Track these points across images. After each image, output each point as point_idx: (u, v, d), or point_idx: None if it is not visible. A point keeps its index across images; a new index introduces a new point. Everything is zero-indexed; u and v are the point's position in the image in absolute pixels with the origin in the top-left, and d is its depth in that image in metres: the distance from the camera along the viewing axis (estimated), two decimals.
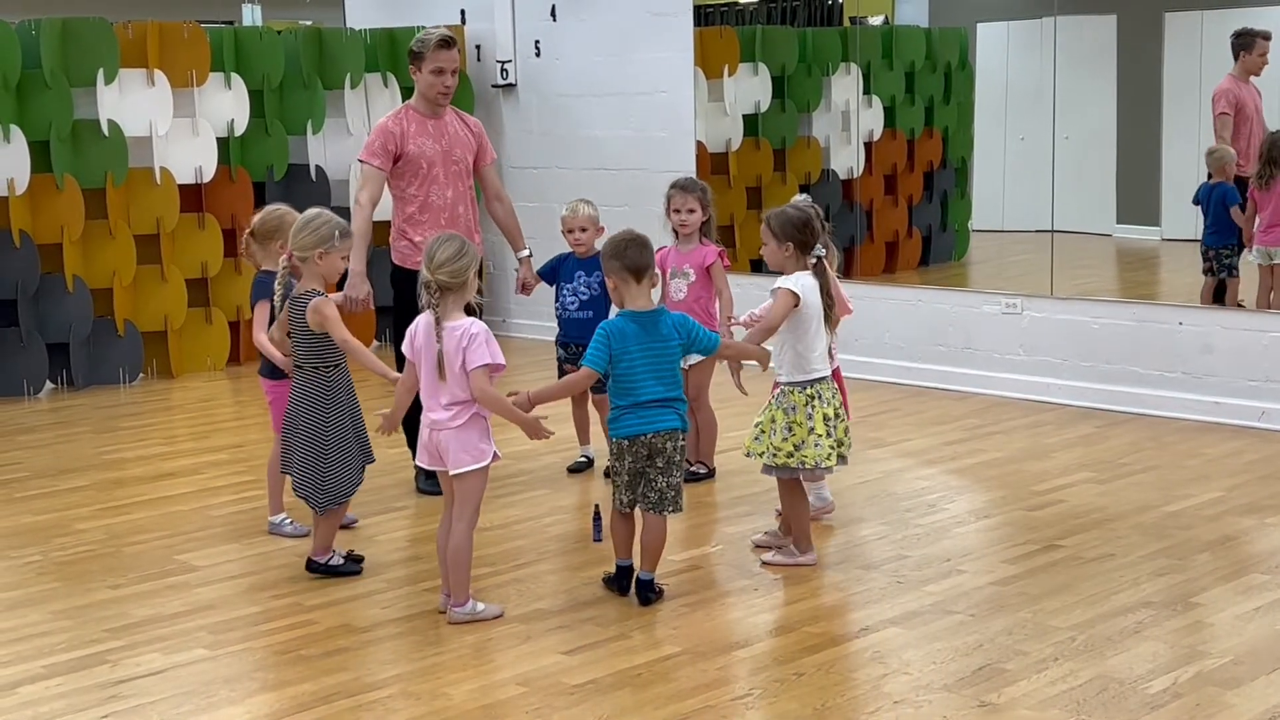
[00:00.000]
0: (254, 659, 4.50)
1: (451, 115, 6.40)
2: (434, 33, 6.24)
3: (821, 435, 5.13)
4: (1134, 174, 9.13)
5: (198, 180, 9.34)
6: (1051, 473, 6.50)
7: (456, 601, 4.71)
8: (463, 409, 4.60)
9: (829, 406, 5.18)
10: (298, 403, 5.15)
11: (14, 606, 5.03)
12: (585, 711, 4.02)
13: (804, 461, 5.13)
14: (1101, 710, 3.95)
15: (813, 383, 5.17)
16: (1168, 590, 4.92)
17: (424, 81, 6.24)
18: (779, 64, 9.87)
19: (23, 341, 8.73)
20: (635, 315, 4.78)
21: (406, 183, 6.24)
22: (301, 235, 5.07)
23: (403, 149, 6.18)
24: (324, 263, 5.08)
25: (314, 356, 5.11)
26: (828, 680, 4.22)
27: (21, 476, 6.88)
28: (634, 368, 4.73)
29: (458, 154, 6.32)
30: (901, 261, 10.04)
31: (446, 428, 4.60)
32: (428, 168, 6.22)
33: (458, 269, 4.59)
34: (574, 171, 10.10)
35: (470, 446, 4.62)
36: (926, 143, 10.17)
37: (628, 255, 4.77)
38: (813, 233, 5.21)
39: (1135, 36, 9.04)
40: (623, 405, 4.77)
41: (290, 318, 5.13)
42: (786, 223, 5.21)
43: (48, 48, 8.73)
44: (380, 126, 6.26)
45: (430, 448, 4.69)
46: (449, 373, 4.58)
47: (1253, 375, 7.28)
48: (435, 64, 6.20)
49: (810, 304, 5.15)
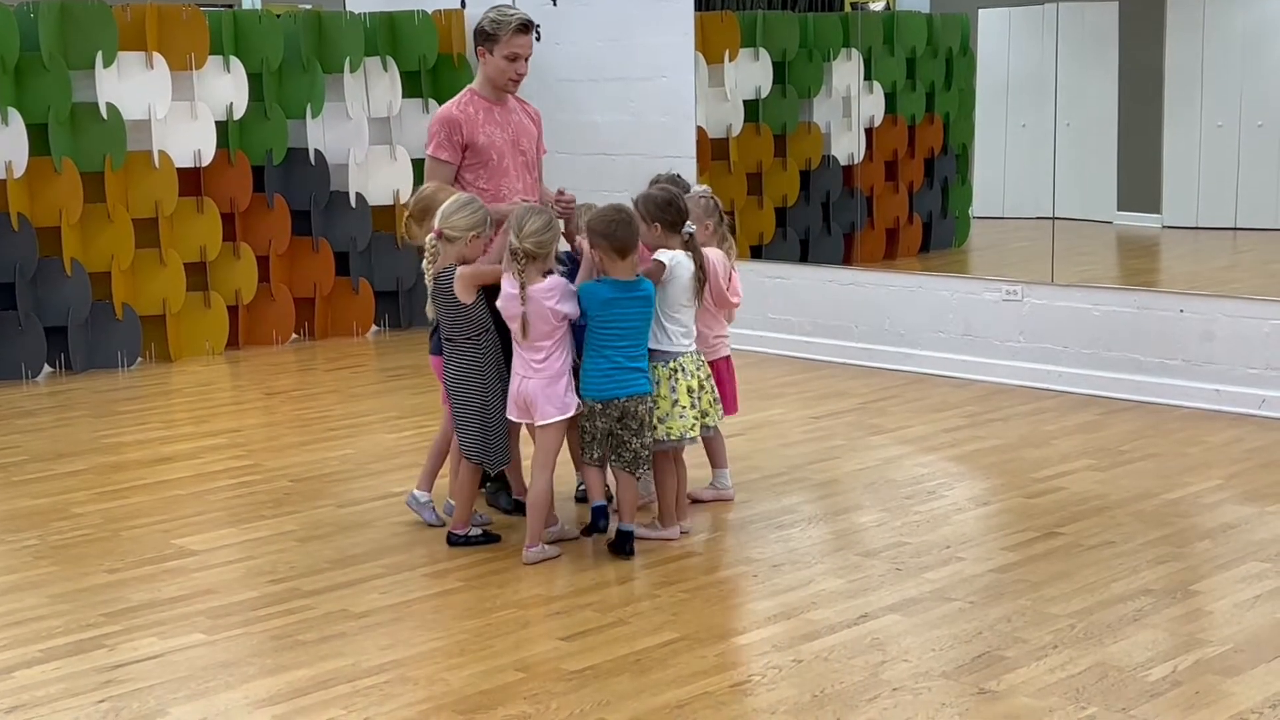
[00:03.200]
0: (251, 644, 4.50)
1: (514, 102, 5.86)
2: (511, 14, 5.68)
3: (686, 407, 5.32)
4: (1135, 161, 9.12)
5: (196, 164, 9.31)
6: (1051, 460, 6.49)
7: (531, 543, 5.16)
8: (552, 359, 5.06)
9: (692, 379, 5.37)
10: (456, 373, 5.28)
11: (11, 590, 5.02)
12: (584, 697, 4.02)
13: (669, 433, 5.30)
14: (1100, 698, 3.95)
15: (675, 355, 5.34)
16: (1167, 578, 4.91)
17: (494, 66, 5.68)
18: (780, 49, 9.84)
19: (20, 325, 8.71)
20: (615, 283, 5.11)
21: (475, 175, 5.67)
22: (458, 217, 5.16)
23: (470, 139, 5.63)
24: (472, 246, 5.19)
25: (466, 327, 5.22)
26: (826, 667, 4.21)
27: (19, 460, 6.87)
28: (614, 328, 5.08)
29: (524, 144, 5.81)
30: (902, 248, 10.02)
31: (536, 376, 5.04)
32: (498, 159, 5.69)
33: (544, 240, 5.01)
34: (574, 156, 10.07)
35: (555, 399, 5.09)
36: (927, 129, 10.15)
37: (617, 235, 5.09)
38: (677, 211, 5.37)
39: (1137, 23, 9.01)
40: (599, 361, 5.10)
41: (437, 292, 5.22)
42: (650, 203, 5.39)
43: (46, 30, 8.70)
44: (443, 116, 5.68)
45: (519, 400, 5.12)
46: (535, 326, 5.01)
47: (1253, 363, 7.26)
48: (511, 49, 5.64)
49: (676, 278, 5.29)
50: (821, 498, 6.05)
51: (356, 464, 6.60)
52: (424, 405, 7.59)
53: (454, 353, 5.30)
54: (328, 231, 9.87)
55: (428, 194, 5.45)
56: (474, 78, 5.67)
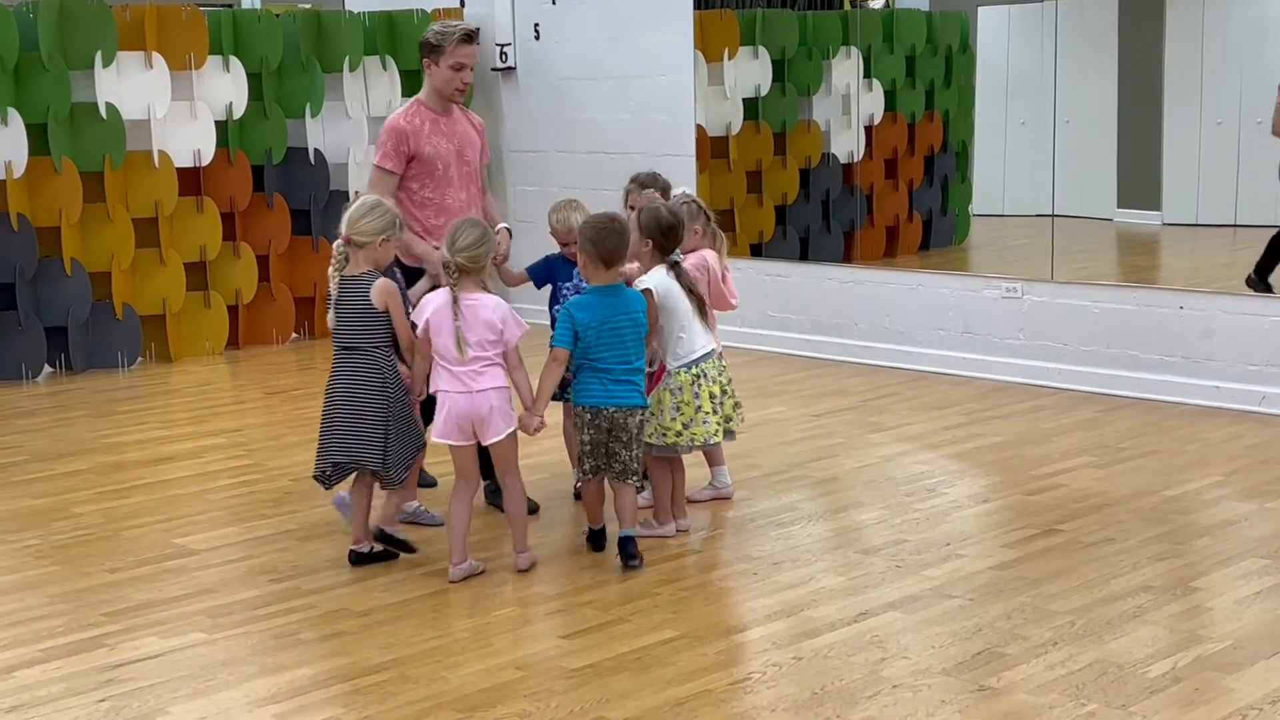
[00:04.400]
0: (252, 643, 4.50)
1: (459, 113, 5.99)
2: (455, 25, 5.83)
3: (709, 413, 5.34)
4: (1135, 158, 9.12)
5: (196, 163, 9.31)
6: (1051, 457, 6.49)
7: (520, 549, 5.08)
8: (495, 368, 4.92)
9: (714, 385, 5.38)
10: (351, 383, 5.08)
11: (12, 590, 5.02)
12: (584, 695, 4.02)
13: (693, 439, 5.34)
14: (1100, 694, 3.95)
15: (696, 362, 5.34)
16: (1167, 574, 4.92)
17: (440, 77, 5.79)
18: (779, 47, 9.84)
19: (21, 325, 8.71)
20: (597, 289, 5.07)
21: (419, 185, 5.80)
22: (365, 221, 5.06)
23: (417, 149, 5.75)
24: (383, 250, 5.10)
25: (369, 336, 5.08)
26: (826, 664, 4.22)
27: (20, 460, 6.88)
28: (601, 340, 5.00)
29: (469, 155, 5.92)
30: (902, 246, 10.02)
31: (489, 388, 4.91)
32: (443, 169, 5.81)
33: (478, 254, 4.92)
34: (573, 155, 10.08)
35: (503, 414, 4.98)
36: (927, 127, 10.15)
37: (606, 245, 5.03)
38: (675, 239, 5.35)
39: (1137, 20, 9.02)
40: (590, 371, 5.03)
41: (341, 297, 5.09)
42: (652, 221, 5.32)
43: (45, 30, 8.70)
44: (392, 126, 5.80)
45: (463, 420, 4.94)
46: (477, 341, 4.88)
47: (1253, 360, 7.27)
48: (456, 59, 5.76)
49: (669, 293, 5.29)
50: (821, 495, 6.05)
51: None
52: None
53: (353, 360, 5.09)
54: (328, 231, 9.84)
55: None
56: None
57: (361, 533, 5.19)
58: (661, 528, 5.43)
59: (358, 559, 5.17)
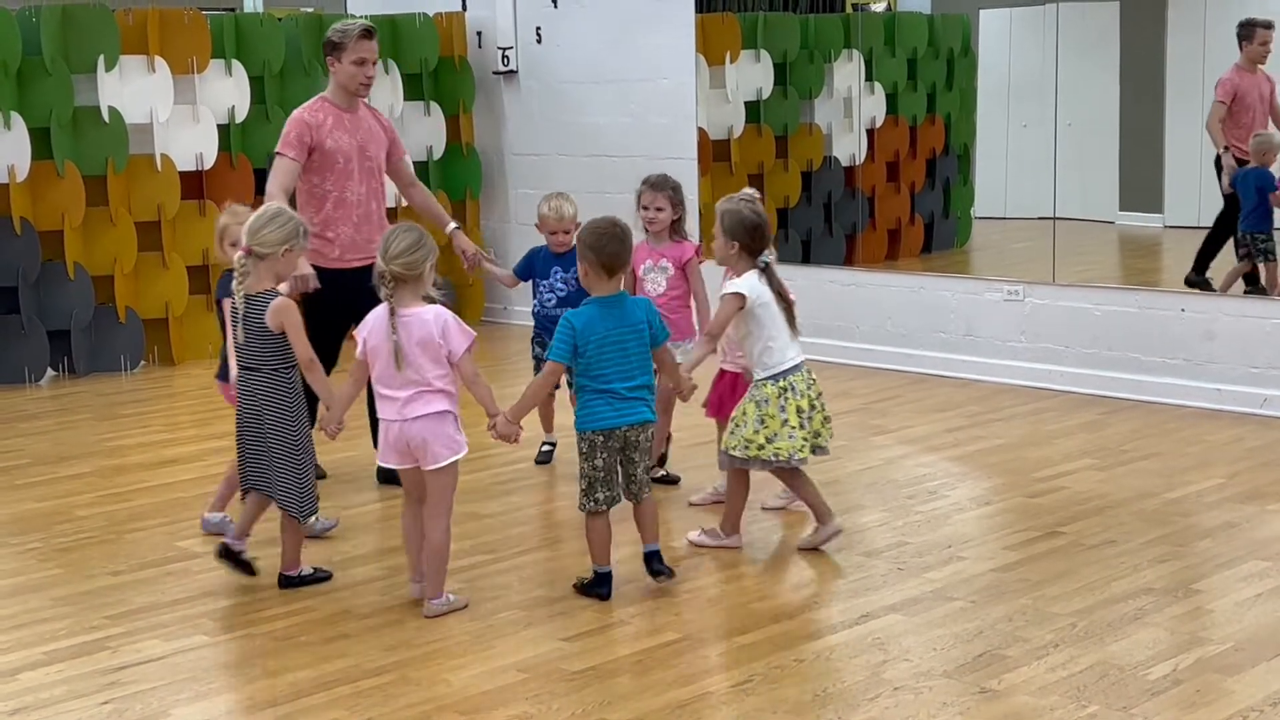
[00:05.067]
0: (254, 645, 4.51)
1: (365, 110, 6.26)
2: (354, 23, 6.17)
3: (795, 427, 5.12)
4: (1137, 161, 9.13)
5: (199, 167, 9.32)
6: (1053, 459, 6.49)
7: (433, 595, 4.69)
8: (432, 393, 4.58)
9: (803, 399, 5.16)
10: (256, 406, 4.86)
11: (15, 593, 5.03)
12: (585, 698, 4.02)
13: (777, 454, 5.12)
14: (1101, 696, 3.95)
15: (785, 374, 5.14)
16: (1168, 577, 4.92)
17: (345, 73, 6.10)
18: (781, 51, 9.85)
19: (24, 329, 8.73)
20: (600, 301, 4.74)
21: (321, 178, 6.10)
22: (267, 231, 4.79)
23: (318, 142, 6.04)
24: (286, 260, 4.84)
25: (275, 357, 4.84)
26: (828, 666, 4.22)
27: (23, 463, 6.89)
28: (603, 355, 4.68)
29: (371, 150, 6.20)
30: (904, 249, 10.03)
31: (421, 416, 4.57)
32: (343, 162, 6.10)
33: (413, 260, 4.56)
34: (575, 158, 10.09)
35: (446, 440, 4.62)
36: (929, 130, 10.16)
37: (607, 250, 4.72)
38: (762, 238, 5.13)
39: (1138, 23, 9.02)
40: (594, 392, 4.71)
41: (246, 315, 4.83)
42: (736, 222, 5.12)
43: (48, 34, 8.72)
44: (296, 118, 6.11)
45: (399, 445, 4.63)
46: (416, 360, 4.56)
47: (1255, 362, 7.27)
48: (358, 54, 6.07)
49: (762, 300, 5.08)
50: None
51: (358, 466, 6.60)
52: None
53: (256, 383, 4.85)
54: None
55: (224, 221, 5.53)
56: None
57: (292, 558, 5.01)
58: (728, 539, 5.30)
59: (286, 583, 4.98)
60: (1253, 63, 8.11)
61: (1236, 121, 8.13)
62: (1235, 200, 8.07)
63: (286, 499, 4.90)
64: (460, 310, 10.50)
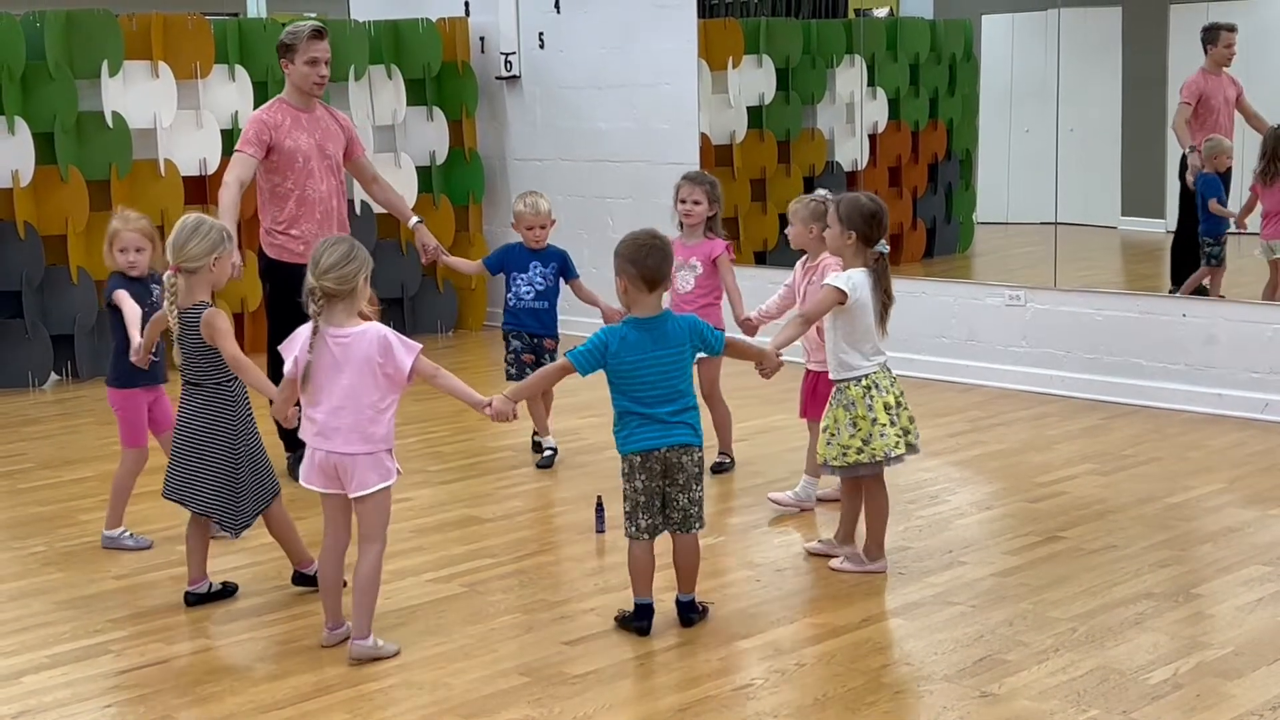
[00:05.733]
0: (257, 649, 4.52)
1: (322, 110, 6.47)
2: (304, 25, 6.37)
3: (885, 424, 4.95)
4: (1138, 166, 9.13)
5: (202, 172, 9.34)
6: (1054, 464, 6.50)
7: (359, 635, 4.36)
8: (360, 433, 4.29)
9: (888, 395, 5.00)
10: (197, 421, 4.75)
11: (18, 596, 5.05)
12: (587, 701, 4.03)
13: (874, 454, 4.95)
14: (1102, 700, 3.96)
15: (867, 373, 5.00)
16: (1169, 581, 4.92)
17: (298, 73, 6.33)
18: (783, 56, 9.86)
19: (27, 333, 8.75)
20: (640, 323, 4.44)
21: (281, 177, 6.29)
22: (191, 245, 4.66)
23: (276, 142, 6.24)
24: (218, 268, 4.73)
25: (214, 370, 4.73)
26: (829, 671, 4.23)
27: (26, 467, 6.90)
28: (642, 377, 4.40)
29: (330, 149, 6.40)
30: (906, 253, 10.04)
31: (354, 452, 4.30)
32: (303, 161, 6.29)
33: (345, 274, 4.25)
34: (577, 163, 10.10)
35: (378, 464, 4.32)
36: (931, 135, 10.18)
37: (647, 263, 4.40)
38: (879, 226, 4.98)
39: (1140, 28, 9.03)
40: (633, 415, 4.43)
41: (183, 332, 4.73)
42: (854, 208, 4.96)
43: (52, 39, 8.74)
44: (255, 117, 6.34)
45: (326, 468, 4.33)
46: (353, 383, 4.27)
47: (1256, 367, 7.27)
48: (309, 54, 6.29)
49: (860, 301, 4.92)
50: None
51: None
52: (427, 411, 7.61)
53: (196, 397, 4.75)
54: None
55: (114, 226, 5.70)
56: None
57: (199, 573, 4.90)
58: (872, 564, 5.07)
59: (195, 599, 4.88)
60: (1218, 65, 8.30)
61: (1201, 123, 8.27)
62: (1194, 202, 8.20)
63: (221, 511, 4.75)
64: (463, 317, 10.59)
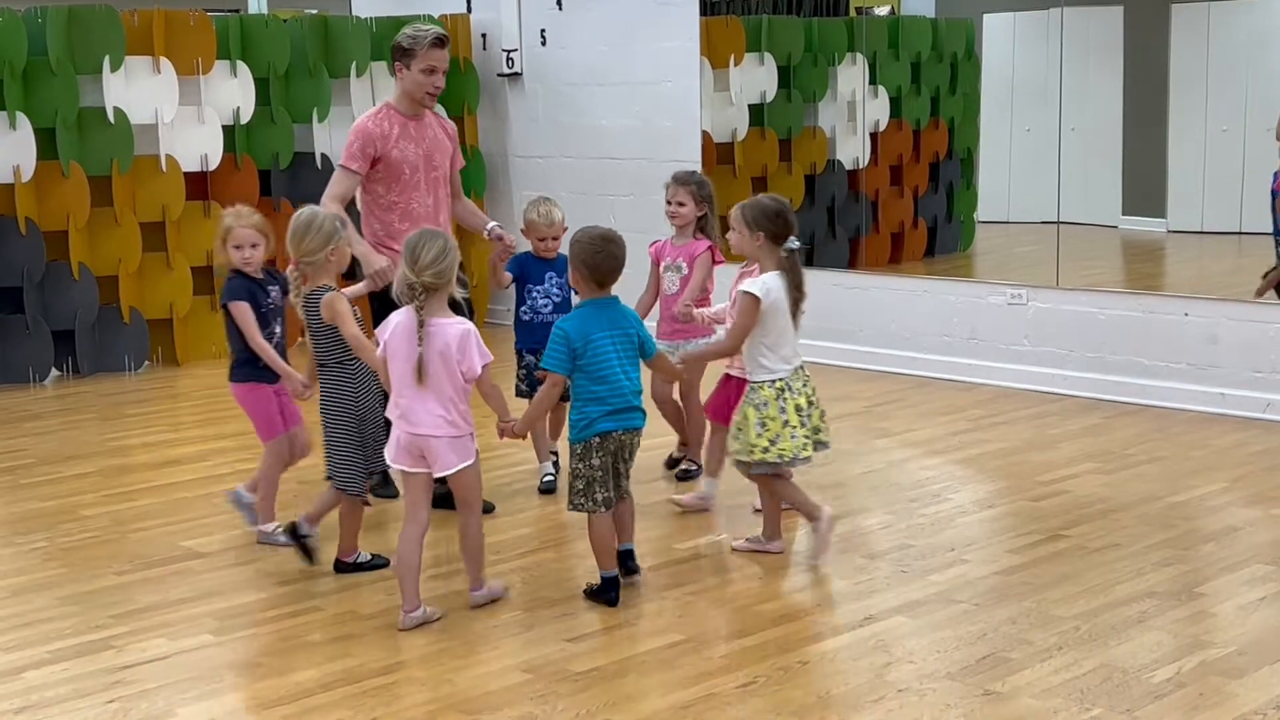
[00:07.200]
0: (259, 645, 4.52)
1: (431, 117, 6.01)
2: (426, 29, 5.86)
3: (795, 426, 5.11)
4: (1140, 166, 9.13)
5: (203, 168, 9.34)
6: (1056, 463, 6.50)
7: (475, 587, 4.77)
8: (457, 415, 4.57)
9: (800, 396, 5.16)
10: (329, 398, 5.04)
11: (20, 592, 5.04)
12: (589, 698, 4.03)
13: (782, 455, 5.11)
14: (1105, 699, 3.96)
15: (781, 376, 5.13)
16: (1172, 580, 4.92)
17: (412, 81, 5.83)
18: (785, 54, 9.86)
19: (28, 329, 8.74)
20: (593, 304, 4.75)
21: (385, 188, 5.86)
22: (309, 239, 4.94)
23: (383, 152, 5.80)
24: (336, 258, 5.02)
25: (336, 350, 5.00)
26: (831, 668, 4.23)
27: (27, 463, 6.90)
28: (605, 357, 4.68)
29: (438, 160, 5.97)
30: (907, 252, 10.04)
31: (437, 436, 4.56)
32: (409, 174, 5.86)
33: (443, 269, 4.51)
34: (579, 161, 10.10)
35: (458, 447, 4.60)
36: (932, 133, 10.17)
37: (600, 267, 4.70)
38: (786, 224, 5.13)
39: (1142, 28, 9.03)
40: (590, 397, 4.68)
41: (308, 317, 5.01)
42: (758, 210, 5.12)
43: (54, 35, 8.73)
44: (360, 128, 5.86)
45: (411, 449, 4.61)
46: (436, 371, 4.51)
47: (1259, 366, 7.27)
48: (428, 63, 5.79)
49: (774, 303, 5.07)
50: (827, 500, 6.04)
51: None
52: None
53: (325, 378, 5.05)
54: None
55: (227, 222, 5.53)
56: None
57: (350, 544, 5.14)
58: (770, 544, 5.30)
59: (343, 569, 5.13)
60: None
61: None
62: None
63: (344, 478, 5.02)
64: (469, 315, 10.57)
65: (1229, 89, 8.60)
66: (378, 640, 4.51)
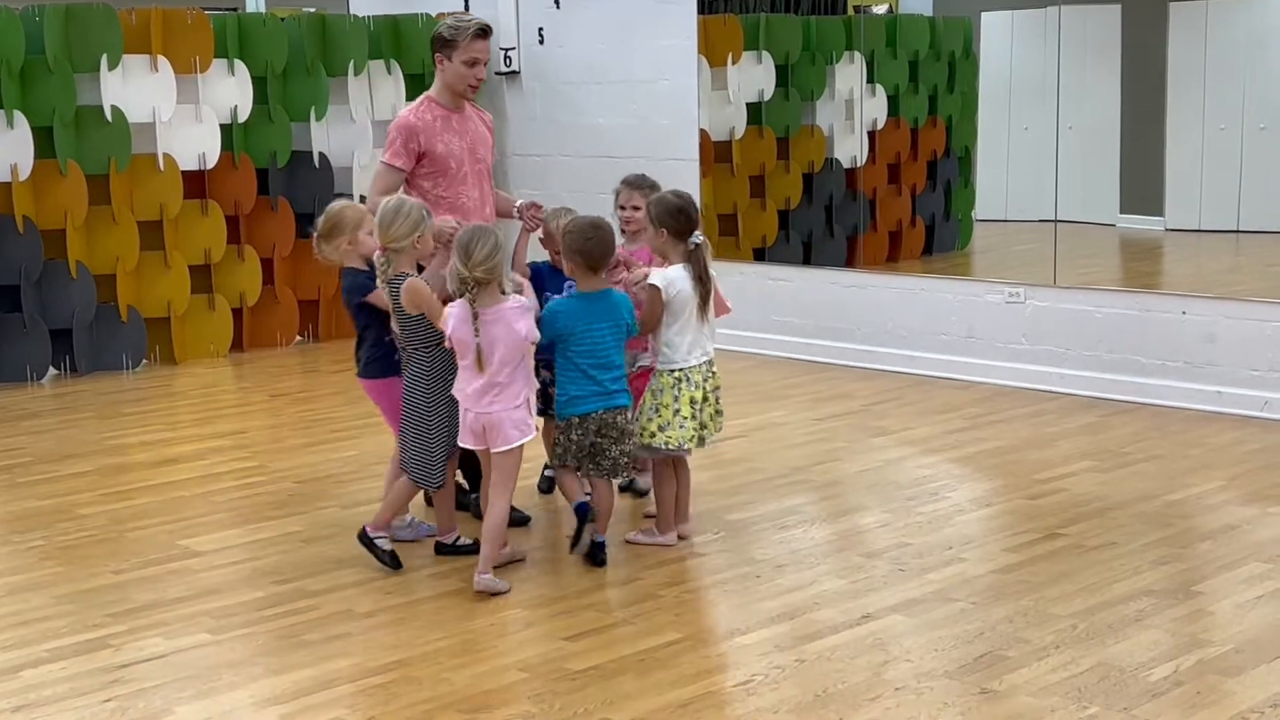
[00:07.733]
0: (256, 644, 4.51)
1: (470, 110, 5.85)
2: (469, 19, 5.70)
3: (687, 417, 5.24)
4: (1138, 164, 9.13)
5: (201, 166, 9.34)
6: (1053, 461, 6.50)
7: (482, 570, 4.90)
8: (508, 388, 4.86)
9: (697, 390, 5.28)
10: (413, 386, 5.12)
11: (17, 591, 5.04)
12: (587, 697, 4.03)
13: (667, 442, 5.23)
14: (1102, 697, 3.96)
15: (681, 367, 5.27)
16: (1169, 579, 4.93)
17: (453, 72, 5.66)
18: (783, 52, 9.86)
19: (26, 327, 8.74)
20: (585, 296, 5.06)
21: (432, 183, 5.69)
22: (396, 226, 4.97)
23: (428, 147, 5.64)
24: (421, 245, 5.05)
25: (419, 337, 5.06)
26: (829, 667, 4.23)
27: (25, 462, 6.90)
28: (585, 342, 5.00)
29: (481, 152, 5.83)
30: (904, 251, 10.03)
31: (505, 411, 4.85)
32: (456, 167, 5.70)
33: (494, 265, 4.78)
34: (577, 159, 10.10)
35: (518, 423, 4.89)
36: (930, 132, 10.16)
37: (592, 253, 5.01)
38: (687, 220, 5.25)
39: (1140, 26, 9.03)
40: (575, 381, 5.03)
41: (393, 304, 5.07)
42: (661, 206, 5.27)
43: (51, 33, 8.73)
44: (402, 122, 5.67)
45: (475, 428, 4.90)
46: (497, 354, 4.80)
47: (1256, 365, 7.27)
48: (470, 54, 5.64)
49: (677, 296, 5.19)
50: (824, 499, 6.06)
51: (361, 465, 6.61)
52: None
53: (409, 364, 5.16)
54: None
55: (334, 212, 5.30)
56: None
57: (449, 523, 5.33)
58: (663, 536, 5.38)
59: (443, 550, 5.30)
60: None
61: None
62: None
63: (417, 468, 5.13)
64: None
65: (1227, 87, 8.60)
66: (375, 639, 4.51)
